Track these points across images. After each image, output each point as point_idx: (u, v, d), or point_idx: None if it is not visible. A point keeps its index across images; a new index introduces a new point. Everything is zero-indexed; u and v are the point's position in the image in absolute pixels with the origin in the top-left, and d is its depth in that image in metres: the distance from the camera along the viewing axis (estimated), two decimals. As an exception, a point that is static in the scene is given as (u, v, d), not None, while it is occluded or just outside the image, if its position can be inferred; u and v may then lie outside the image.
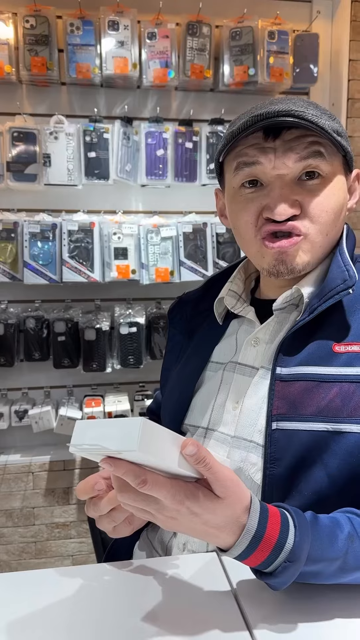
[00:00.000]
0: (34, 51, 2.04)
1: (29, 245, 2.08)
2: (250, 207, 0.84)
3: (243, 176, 0.84)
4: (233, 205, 0.88)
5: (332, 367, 0.80)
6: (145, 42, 2.11)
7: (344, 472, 0.76)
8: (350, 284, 0.80)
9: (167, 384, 1.06)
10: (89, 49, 2.08)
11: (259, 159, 0.81)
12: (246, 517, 0.65)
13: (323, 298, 0.82)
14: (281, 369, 0.82)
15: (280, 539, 0.65)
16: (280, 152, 0.80)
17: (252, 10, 2.18)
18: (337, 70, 2.34)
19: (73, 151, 2.09)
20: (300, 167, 0.81)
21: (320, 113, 0.81)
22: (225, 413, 0.89)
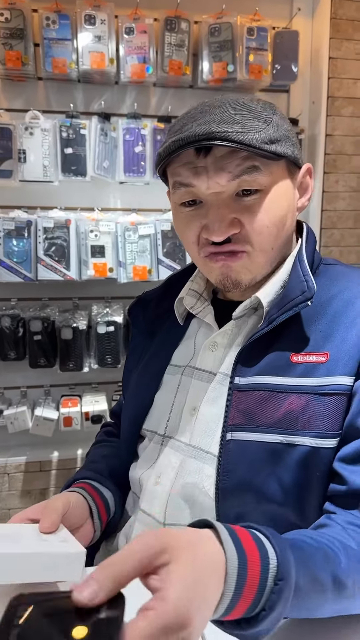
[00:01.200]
0: (9, 45, 2.00)
1: (4, 243, 2.04)
2: (191, 226, 0.82)
3: (181, 195, 0.81)
4: (176, 220, 0.86)
5: (289, 378, 0.78)
6: (123, 37, 2.08)
7: (297, 483, 0.74)
8: (309, 295, 0.78)
9: (128, 387, 1.03)
10: (65, 43, 2.04)
11: (192, 181, 0.78)
12: (220, 554, 0.53)
13: (282, 309, 0.80)
14: (239, 378, 0.81)
15: (261, 554, 0.55)
16: (212, 171, 0.76)
17: (231, 6, 2.15)
18: (317, 68, 2.32)
19: (49, 147, 2.05)
20: (234, 185, 0.77)
21: (251, 122, 0.75)
22: (182, 420, 0.87)
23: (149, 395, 0.95)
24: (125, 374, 1.07)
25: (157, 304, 1.02)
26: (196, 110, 0.79)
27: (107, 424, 1.18)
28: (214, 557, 0.52)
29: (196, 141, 0.73)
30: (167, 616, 0.44)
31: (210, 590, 0.50)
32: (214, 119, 0.75)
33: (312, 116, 2.36)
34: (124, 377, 1.07)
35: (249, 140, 0.73)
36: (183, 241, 0.87)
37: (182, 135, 0.74)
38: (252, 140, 0.73)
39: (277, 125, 0.79)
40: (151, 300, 1.03)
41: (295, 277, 0.81)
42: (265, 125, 0.77)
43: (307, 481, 0.74)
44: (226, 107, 0.77)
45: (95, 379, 2.34)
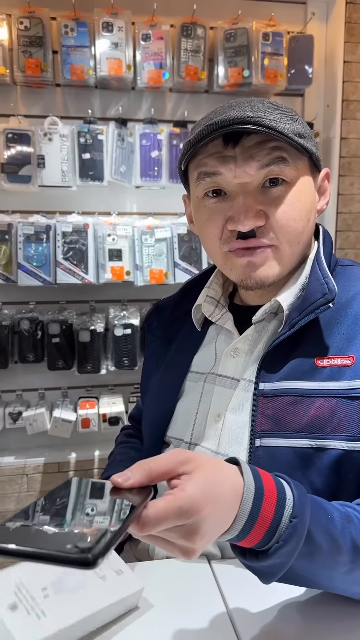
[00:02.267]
0: (28, 52, 2.04)
1: (23, 247, 2.08)
2: (215, 218, 0.82)
3: (205, 186, 0.81)
4: (198, 215, 0.86)
5: (315, 382, 0.78)
6: (140, 43, 2.11)
7: (329, 487, 0.75)
8: (330, 297, 0.78)
9: (147, 393, 1.04)
10: (83, 50, 2.07)
11: (220, 169, 0.78)
12: (240, 479, 0.58)
13: (303, 312, 0.80)
14: (264, 384, 0.81)
15: (279, 492, 0.59)
16: (241, 160, 0.77)
17: (247, 12, 2.18)
18: (332, 72, 2.34)
19: (67, 152, 2.09)
20: (262, 174, 0.78)
21: (279, 115, 0.77)
22: (207, 427, 0.87)
23: (170, 402, 0.95)
24: (144, 380, 1.07)
25: (173, 310, 1.02)
26: (223, 107, 0.81)
27: (127, 427, 1.20)
28: (234, 479, 0.58)
29: (230, 124, 0.74)
30: (182, 501, 0.51)
31: (225, 502, 0.55)
32: (246, 109, 0.76)
33: (326, 119, 2.38)
34: (142, 383, 1.08)
35: (281, 129, 0.75)
36: (204, 237, 0.85)
37: (216, 119, 0.75)
38: (284, 129, 0.75)
39: (302, 124, 0.82)
40: (167, 307, 1.04)
41: (314, 280, 0.81)
42: (293, 121, 0.79)
43: (339, 484, 0.75)
44: (254, 102, 0.79)
45: (112, 381, 2.37)
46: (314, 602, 0.72)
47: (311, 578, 0.64)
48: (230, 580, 0.77)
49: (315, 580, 0.65)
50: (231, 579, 0.77)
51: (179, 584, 0.77)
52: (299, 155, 0.80)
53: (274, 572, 0.59)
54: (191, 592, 0.75)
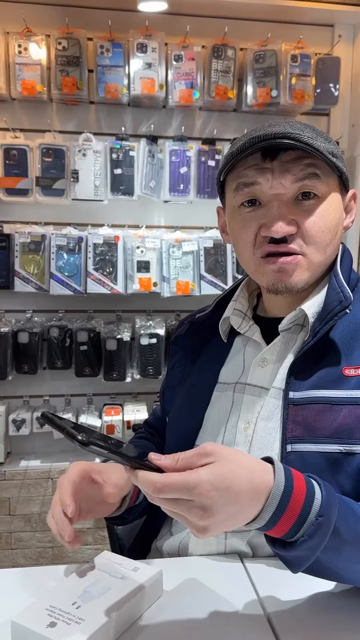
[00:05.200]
0: (65, 72, 2.13)
1: (56, 257, 2.16)
2: (249, 225, 0.87)
3: (242, 196, 0.87)
4: (233, 223, 0.91)
5: (343, 390, 0.83)
6: (172, 63, 2.19)
7: (357, 490, 0.80)
8: (347, 304, 0.84)
9: (173, 403, 1.07)
10: (117, 69, 2.16)
11: (257, 179, 0.85)
12: (270, 477, 0.64)
13: (323, 321, 0.85)
14: (294, 393, 0.85)
15: (308, 491, 0.65)
16: (278, 172, 0.83)
17: (276, 34, 2.25)
18: (358, 92, 2.39)
19: (100, 168, 2.17)
20: (296, 187, 0.84)
21: (316, 135, 0.84)
22: (237, 434, 0.92)
23: (200, 413, 0.98)
24: (167, 390, 1.11)
25: (201, 324, 1.07)
26: (263, 125, 0.87)
27: (140, 431, 1.22)
28: (258, 474, 0.64)
29: (272, 138, 0.81)
30: (190, 478, 0.59)
31: (240, 492, 0.62)
32: (285, 126, 0.83)
33: (352, 139, 2.43)
34: (166, 393, 1.12)
35: (318, 146, 0.81)
36: (238, 244, 0.91)
37: (258, 134, 0.82)
38: (320, 147, 0.81)
39: (334, 144, 0.88)
40: (199, 322, 1.08)
41: (331, 290, 0.87)
42: (327, 141, 0.86)
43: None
44: (292, 122, 0.86)
45: (136, 389, 2.43)
46: (347, 596, 0.77)
47: (337, 571, 0.70)
48: (262, 577, 0.82)
49: (341, 574, 0.71)
50: (263, 576, 0.82)
51: (213, 579, 0.82)
52: (331, 173, 0.86)
53: (300, 562, 0.66)
54: (225, 587, 0.80)
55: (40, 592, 0.79)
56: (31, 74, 2.12)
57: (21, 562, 2.42)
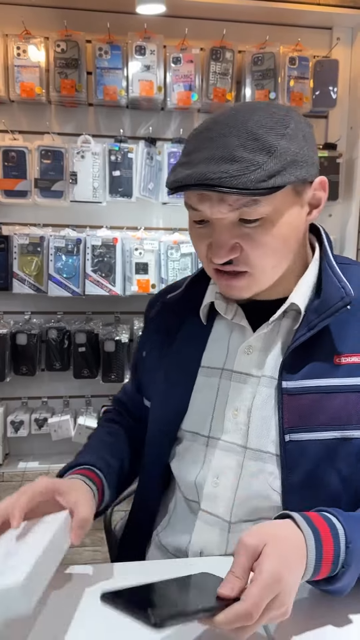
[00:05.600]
0: (64, 74, 2.13)
1: (54, 259, 2.16)
2: (201, 242, 0.87)
3: (193, 215, 0.86)
4: (190, 234, 0.91)
5: (335, 379, 0.86)
6: (171, 66, 2.19)
7: (355, 473, 0.84)
8: (348, 301, 0.85)
9: (152, 388, 1.06)
10: (116, 72, 2.16)
11: (198, 207, 0.83)
12: (298, 531, 0.70)
13: (323, 315, 0.86)
14: (287, 382, 0.87)
15: (331, 528, 0.72)
16: (215, 201, 0.80)
17: (274, 36, 2.25)
18: (356, 95, 2.40)
19: (98, 169, 2.17)
20: (236, 214, 0.81)
21: (247, 162, 0.76)
22: (226, 421, 0.92)
23: (183, 398, 0.97)
24: (146, 375, 1.09)
25: (175, 305, 1.04)
26: (207, 134, 0.81)
27: (109, 410, 1.21)
28: (296, 539, 0.69)
29: (195, 185, 0.78)
30: (265, 580, 0.62)
31: (294, 563, 0.67)
32: (214, 154, 0.77)
33: (350, 141, 2.44)
34: (144, 378, 1.11)
35: (243, 184, 0.75)
36: (196, 251, 0.91)
37: (184, 176, 0.78)
38: (247, 183, 0.75)
39: (283, 152, 0.78)
40: (172, 303, 1.05)
41: (331, 284, 0.87)
42: (268, 157, 0.77)
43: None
44: (231, 136, 0.78)
45: (135, 391, 2.42)
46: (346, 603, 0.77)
47: None
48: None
49: None
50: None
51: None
52: (275, 191, 0.78)
53: (346, 589, 0.73)
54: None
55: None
56: (30, 76, 2.13)
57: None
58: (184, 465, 0.97)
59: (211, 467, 0.93)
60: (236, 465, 0.90)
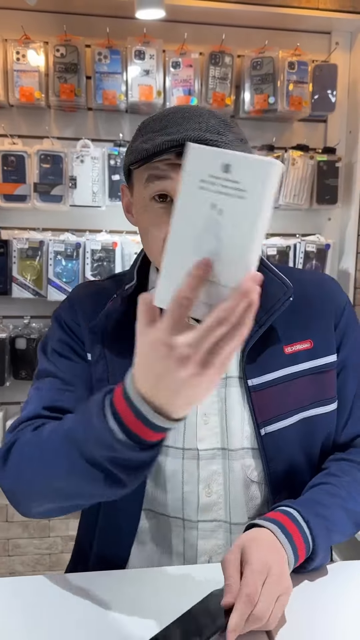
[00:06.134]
0: (63, 78, 2.14)
1: (54, 264, 2.16)
2: (161, 222, 0.84)
3: (154, 190, 0.84)
4: (144, 216, 0.88)
5: (288, 368, 0.93)
6: (170, 70, 2.19)
7: (321, 445, 0.97)
8: (290, 294, 0.91)
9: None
10: (115, 76, 2.16)
11: (170, 174, 0.81)
12: (266, 531, 0.80)
13: (270, 311, 0.90)
14: (252, 380, 0.91)
15: (283, 512, 0.83)
16: None
17: (273, 41, 2.26)
18: (355, 99, 2.41)
19: (98, 174, 2.17)
20: None
21: (231, 137, 0.82)
22: (198, 429, 0.92)
23: None
24: (98, 384, 0.94)
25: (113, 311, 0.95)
26: (175, 116, 0.83)
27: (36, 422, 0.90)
28: (268, 536, 0.79)
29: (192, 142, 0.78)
30: (253, 565, 0.72)
31: (274, 549, 0.77)
32: (201, 127, 0.80)
33: (349, 145, 2.44)
34: (96, 387, 0.94)
35: (233, 150, 0.79)
36: (148, 237, 0.87)
37: (176, 137, 0.79)
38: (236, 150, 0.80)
39: (248, 143, 0.87)
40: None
41: (271, 281, 0.92)
42: (242, 143, 0.84)
43: (326, 440, 0.97)
44: (206, 117, 0.82)
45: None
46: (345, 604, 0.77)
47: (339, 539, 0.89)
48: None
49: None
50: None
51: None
52: None
53: (326, 556, 0.85)
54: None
55: (38, 602, 0.79)
56: (29, 80, 2.13)
57: (18, 569, 2.41)
58: (162, 483, 0.94)
59: (200, 479, 0.93)
60: (222, 468, 0.93)
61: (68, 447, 0.73)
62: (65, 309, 1.01)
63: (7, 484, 0.85)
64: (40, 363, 0.99)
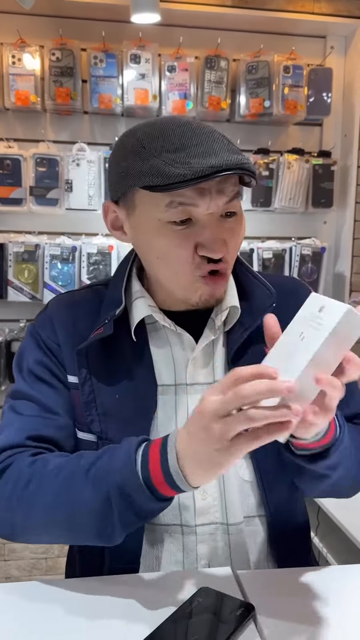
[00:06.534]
0: (59, 82, 2.14)
1: (50, 267, 2.16)
2: (186, 244, 0.84)
3: (177, 214, 0.83)
4: (160, 238, 0.86)
5: None
6: (165, 74, 2.20)
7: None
8: (273, 299, 0.93)
9: (104, 419, 0.93)
10: (111, 80, 2.17)
11: (197, 202, 0.82)
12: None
13: (255, 315, 0.92)
14: None
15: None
16: (215, 194, 0.82)
17: (269, 45, 2.27)
18: (350, 103, 2.41)
19: (94, 177, 2.17)
20: (225, 207, 0.85)
21: (248, 158, 0.84)
22: None
23: (147, 420, 0.92)
24: (87, 407, 0.93)
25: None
26: (186, 133, 0.82)
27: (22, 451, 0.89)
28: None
29: (231, 169, 0.79)
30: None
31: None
32: (225, 147, 0.82)
33: (344, 148, 2.45)
34: (85, 409, 0.93)
35: (254, 172, 0.84)
36: (171, 260, 0.86)
37: (215, 163, 0.78)
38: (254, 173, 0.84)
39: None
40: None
41: (257, 287, 0.95)
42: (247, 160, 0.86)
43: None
44: (217, 135, 0.84)
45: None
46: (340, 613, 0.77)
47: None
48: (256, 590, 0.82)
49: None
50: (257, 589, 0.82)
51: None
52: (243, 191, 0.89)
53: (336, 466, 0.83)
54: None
55: (33, 608, 0.79)
56: (25, 84, 2.13)
57: (14, 574, 2.40)
58: None
59: None
60: None
61: (83, 483, 0.80)
62: (43, 327, 0.96)
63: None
64: (17, 382, 0.95)
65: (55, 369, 0.95)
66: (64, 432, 0.94)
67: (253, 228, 2.40)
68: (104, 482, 0.78)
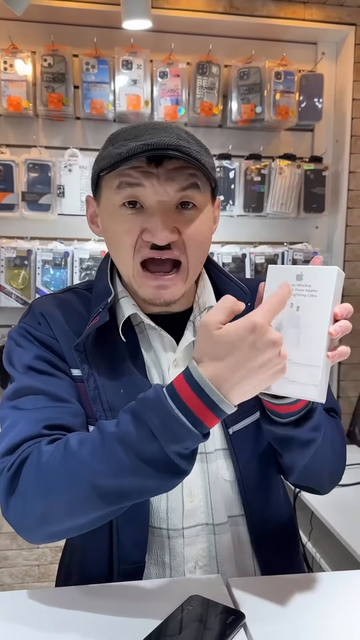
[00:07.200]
0: (51, 88, 2.14)
1: (42, 272, 2.15)
2: (131, 229, 0.86)
3: (125, 196, 0.85)
4: (112, 223, 0.88)
5: None
6: (157, 80, 2.21)
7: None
8: (248, 299, 0.90)
9: (107, 414, 0.91)
10: (103, 86, 2.17)
11: (142, 182, 0.84)
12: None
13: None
14: None
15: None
16: (163, 179, 0.84)
17: (260, 51, 2.28)
18: (341, 109, 2.43)
19: (86, 183, 2.17)
20: (178, 196, 0.85)
21: (199, 148, 0.86)
22: None
23: None
24: (95, 403, 0.91)
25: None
26: (147, 127, 0.86)
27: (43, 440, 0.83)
28: None
29: (165, 149, 0.81)
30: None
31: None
32: (172, 135, 0.84)
33: (335, 154, 2.46)
34: (94, 405, 0.91)
35: (204, 161, 0.84)
36: (118, 244, 0.88)
37: (150, 141, 0.81)
38: (205, 163, 0.85)
39: (211, 157, 0.91)
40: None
41: (231, 287, 0.97)
42: (208, 155, 0.89)
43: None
44: (175, 130, 0.86)
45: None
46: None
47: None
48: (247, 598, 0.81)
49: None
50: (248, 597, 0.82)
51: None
52: (207, 184, 0.89)
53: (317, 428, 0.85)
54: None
55: (24, 617, 0.78)
56: (17, 90, 2.13)
57: (7, 581, 2.39)
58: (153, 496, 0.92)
59: (184, 486, 0.93)
60: (201, 472, 0.94)
61: (115, 447, 0.73)
62: (34, 325, 0.94)
63: (14, 513, 0.80)
64: (17, 381, 0.90)
65: (56, 362, 0.92)
66: (80, 418, 0.89)
67: (245, 233, 2.40)
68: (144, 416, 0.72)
